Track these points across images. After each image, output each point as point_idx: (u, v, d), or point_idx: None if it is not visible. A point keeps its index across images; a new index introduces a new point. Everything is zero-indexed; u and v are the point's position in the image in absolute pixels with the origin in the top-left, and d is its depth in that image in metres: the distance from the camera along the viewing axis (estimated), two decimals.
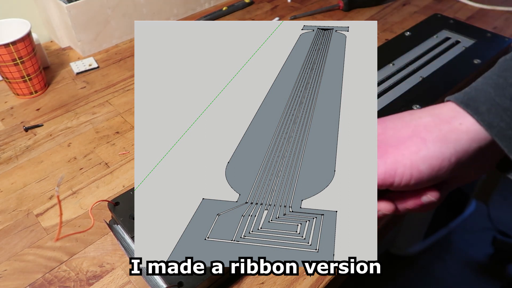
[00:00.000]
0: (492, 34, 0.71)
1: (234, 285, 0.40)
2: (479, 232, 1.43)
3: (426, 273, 1.31)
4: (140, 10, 0.80)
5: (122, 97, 0.66)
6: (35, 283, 0.41)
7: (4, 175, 0.53)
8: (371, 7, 0.90)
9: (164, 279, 0.37)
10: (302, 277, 0.41)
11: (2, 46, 0.59)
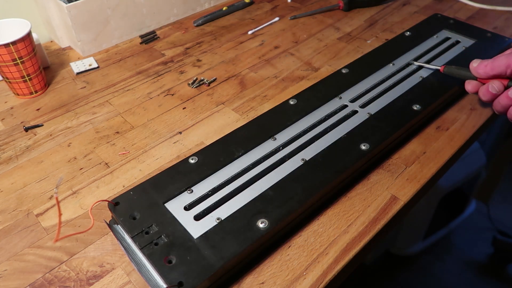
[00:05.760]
0: (492, 34, 0.71)
1: (234, 285, 0.40)
2: (479, 232, 1.43)
3: (426, 273, 1.32)
4: (140, 10, 0.80)
5: (122, 97, 0.66)
6: (35, 283, 0.41)
7: (4, 175, 0.53)
8: (371, 7, 0.90)
9: (164, 279, 0.37)
10: (302, 277, 0.41)
11: (2, 46, 0.59)
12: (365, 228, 0.45)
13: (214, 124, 0.60)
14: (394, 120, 0.54)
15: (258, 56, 0.75)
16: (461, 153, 0.57)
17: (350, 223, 0.46)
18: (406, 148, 0.55)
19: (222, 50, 0.77)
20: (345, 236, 0.44)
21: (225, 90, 0.67)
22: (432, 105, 0.57)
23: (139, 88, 0.68)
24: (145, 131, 0.59)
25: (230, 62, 0.74)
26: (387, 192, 0.49)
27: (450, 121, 0.59)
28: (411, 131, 0.56)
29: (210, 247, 0.39)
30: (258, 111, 0.62)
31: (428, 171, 0.52)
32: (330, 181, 0.46)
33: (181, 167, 0.48)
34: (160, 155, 0.55)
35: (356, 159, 0.48)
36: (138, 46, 0.79)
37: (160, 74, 0.71)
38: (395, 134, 0.52)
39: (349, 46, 0.77)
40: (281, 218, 0.42)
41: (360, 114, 0.56)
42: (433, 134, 0.57)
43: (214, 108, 0.63)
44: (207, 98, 0.65)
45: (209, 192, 0.45)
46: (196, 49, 0.78)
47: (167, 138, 0.58)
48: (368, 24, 0.84)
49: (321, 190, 0.45)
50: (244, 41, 0.80)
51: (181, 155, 0.55)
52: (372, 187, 0.50)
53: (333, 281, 0.41)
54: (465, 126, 0.58)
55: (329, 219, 0.46)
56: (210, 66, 0.73)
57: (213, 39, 0.81)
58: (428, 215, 1.25)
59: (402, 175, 0.51)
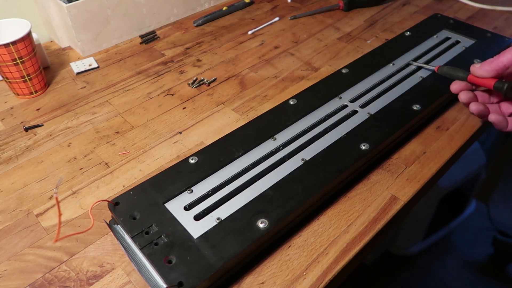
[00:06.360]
0: (492, 34, 0.71)
1: (234, 285, 0.40)
2: (479, 232, 1.43)
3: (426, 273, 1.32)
4: (140, 10, 0.80)
5: (122, 97, 0.66)
6: (35, 283, 0.41)
7: (4, 175, 0.53)
8: (371, 7, 0.90)
9: (164, 279, 0.37)
10: (302, 277, 0.41)
11: (2, 46, 0.59)
12: (365, 228, 0.45)
13: (214, 124, 0.60)
14: (394, 120, 0.54)
15: (258, 56, 0.75)
16: (461, 153, 0.57)
17: (350, 223, 0.46)
18: (406, 148, 0.55)
19: (222, 50, 0.77)
20: (345, 236, 0.44)
21: (225, 90, 0.67)
22: (432, 105, 0.57)
23: (139, 88, 0.68)
24: (145, 131, 0.59)
25: (230, 62, 0.74)
26: (387, 192, 0.49)
27: (450, 121, 0.59)
28: (411, 131, 0.56)
29: (210, 247, 0.39)
30: (258, 111, 0.62)
31: (428, 171, 0.52)
32: (330, 181, 0.46)
33: (181, 167, 0.48)
34: (160, 155, 0.55)
35: (356, 159, 0.48)
36: (138, 46, 0.79)
37: (160, 74, 0.71)
38: (395, 134, 0.52)
39: (349, 46, 0.77)
40: (281, 218, 0.42)
41: (360, 114, 0.56)
42: (433, 134, 0.57)
43: (214, 108, 0.63)
44: (207, 98, 0.65)
45: (209, 192, 0.45)
46: (196, 49, 0.78)
47: (167, 138, 0.58)
48: (368, 24, 0.84)
49: (321, 190, 0.45)
50: (244, 41, 0.80)
51: (181, 155, 0.55)
52: (372, 187, 0.50)
53: (333, 281, 0.41)
54: (465, 126, 0.58)
55: (329, 219, 0.46)
56: (210, 66, 0.73)
57: (213, 39, 0.81)
58: (428, 215, 1.25)
59: (402, 175, 0.51)
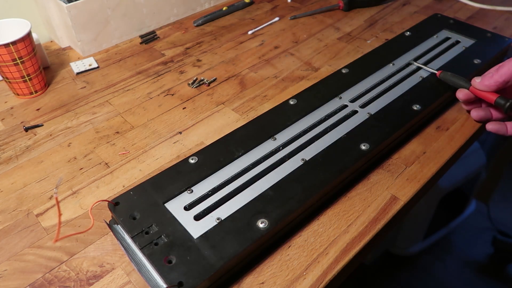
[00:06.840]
0: (492, 34, 0.71)
1: (234, 285, 0.40)
2: (479, 232, 1.43)
3: (426, 273, 1.32)
4: (140, 10, 0.80)
5: (122, 97, 0.66)
6: (35, 283, 0.41)
7: (4, 175, 0.53)
8: (371, 7, 0.90)
9: (164, 279, 0.37)
10: (302, 277, 0.41)
11: (2, 46, 0.59)
12: (365, 228, 0.45)
13: (214, 124, 0.60)
14: (394, 120, 0.54)
15: (258, 56, 0.75)
16: (461, 153, 0.57)
17: (350, 223, 0.46)
18: (406, 148, 0.55)
19: (222, 50, 0.77)
20: (345, 236, 0.44)
21: (225, 90, 0.67)
22: (432, 105, 0.57)
23: (139, 88, 0.68)
24: (145, 131, 0.59)
25: (230, 62, 0.74)
26: (387, 192, 0.49)
27: (450, 121, 0.59)
28: (411, 131, 0.56)
29: (210, 247, 0.39)
30: (258, 111, 0.62)
31: (428, 171, 0.52)
32: (330, 181, 0.46)
33: (181, 167, 0.48)
34: (160, 155, 0.55)
35: (356, 159, 0.48)
36: (138, 46, 0.79)
37: (160, 74, 0.71)
38: (395, 134, 0.52)
39: (349, 46, 0.77)
40: (281, 218, 0.42)
41: (360, 114, 0.56)
42: (433, 134, 0.57)
43: (214, 108, 0.63)
44: (207, 98, 0.65)
45: (209, 192, 0.45)
46: (196, 49, 0.78)
47: (167, 138, 0.58)
48: (368, 24, 0.84)
49: (321, 190, 0.45)
50: (244, 41, 0.80)
51: (181, 155, 0.55)
52: (372, 187, 0.50)
53: (333, 281, 0.41)
54: (465, 126, 0.58)
55: (329, 219, 0.46)
56: (210, 66, 0.73)
57: (213, 39, 0.81)
58: (428, 215, 1.25)
59: (402, 175, 0.51)
